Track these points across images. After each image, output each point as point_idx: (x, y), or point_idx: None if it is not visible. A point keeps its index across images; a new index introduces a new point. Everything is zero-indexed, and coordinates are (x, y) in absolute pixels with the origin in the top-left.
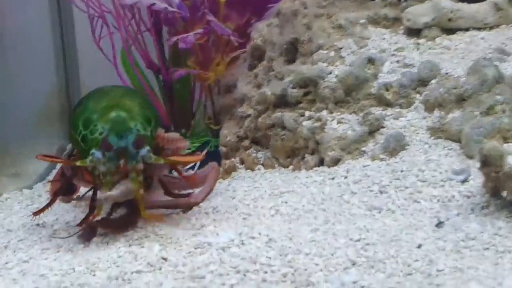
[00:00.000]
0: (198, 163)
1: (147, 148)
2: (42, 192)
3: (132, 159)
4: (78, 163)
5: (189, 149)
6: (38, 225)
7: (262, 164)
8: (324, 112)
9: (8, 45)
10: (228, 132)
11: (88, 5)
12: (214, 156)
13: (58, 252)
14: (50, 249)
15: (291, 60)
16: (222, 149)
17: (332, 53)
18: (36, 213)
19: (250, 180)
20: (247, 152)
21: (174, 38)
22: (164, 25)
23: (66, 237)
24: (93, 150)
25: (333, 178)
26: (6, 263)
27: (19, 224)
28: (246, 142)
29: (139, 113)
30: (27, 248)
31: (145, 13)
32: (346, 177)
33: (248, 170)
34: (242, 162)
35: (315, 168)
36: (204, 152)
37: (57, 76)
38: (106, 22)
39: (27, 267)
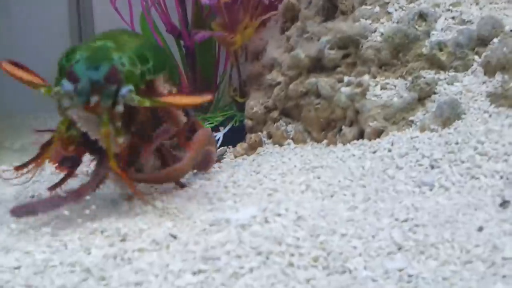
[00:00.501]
0: (221, 138)
1: (129, 87)
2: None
3: (107, 98)
4: (43, 91)
5: (212, 123)
6: (32, 196)
7: (292, 139)
8: (366, 77)
9: (20, 7)
10: (255, 103)
11: None
12: (239, 132)
13: (50, 225)
14: (42, 222)
15: (329, 20)
16: (248, 122)
17: (377, 9)
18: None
19: (278, 156)
20: (275, 124)
21: None
22: None
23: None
24: (63, 80)
25: (374, 152)
26: None
27: (11, 196)
28: (275, 114)
29: (134, 49)
30: (15, 220)
31: None
32: (390, 150)
33: (276, 145)
34: (269, 136)
35: (353, 142)
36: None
37: (72, 42)
38: None
39: (12, 242)
